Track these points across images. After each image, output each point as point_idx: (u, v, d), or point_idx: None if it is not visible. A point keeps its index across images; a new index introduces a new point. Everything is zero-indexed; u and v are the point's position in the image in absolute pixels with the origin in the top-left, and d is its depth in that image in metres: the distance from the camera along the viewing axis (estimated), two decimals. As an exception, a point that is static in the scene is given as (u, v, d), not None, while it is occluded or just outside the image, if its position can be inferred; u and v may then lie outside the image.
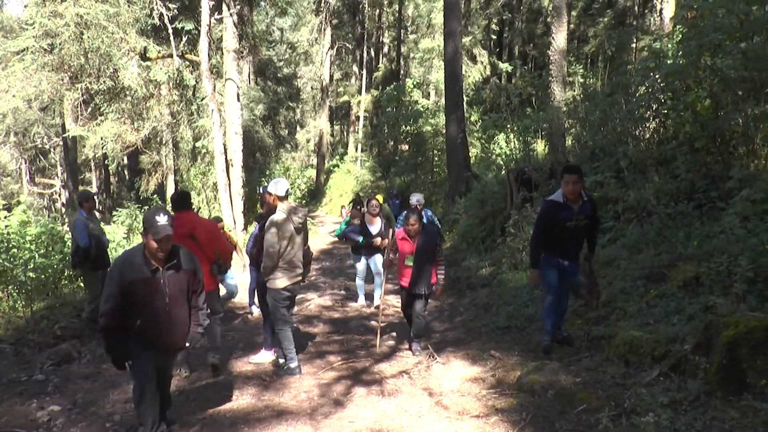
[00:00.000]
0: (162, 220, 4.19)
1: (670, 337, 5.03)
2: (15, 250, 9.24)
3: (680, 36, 9.07)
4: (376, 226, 9.89)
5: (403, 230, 7.21)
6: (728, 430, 3.76)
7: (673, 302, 5.80)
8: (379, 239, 9.75)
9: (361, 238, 9.88)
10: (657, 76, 8.86)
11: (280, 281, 6.36)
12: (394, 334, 8.23)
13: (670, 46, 10.05)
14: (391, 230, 8.68)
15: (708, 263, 5.81)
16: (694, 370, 4.46)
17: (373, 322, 8.94)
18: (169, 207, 7.68)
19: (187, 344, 4.69)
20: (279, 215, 6.30)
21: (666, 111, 8.80)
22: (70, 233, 8.58)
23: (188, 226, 6.45)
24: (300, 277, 6.58)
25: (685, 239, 6.86)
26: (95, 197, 9.14)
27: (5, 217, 9.78)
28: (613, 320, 6.26)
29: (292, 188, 23.59)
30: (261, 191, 8.26)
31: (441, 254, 7.25)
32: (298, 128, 54.40)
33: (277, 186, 6.47)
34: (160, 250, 4.25)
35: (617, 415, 4.34)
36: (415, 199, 9.93)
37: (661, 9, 17.51)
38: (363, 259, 10.16)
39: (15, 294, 8.72)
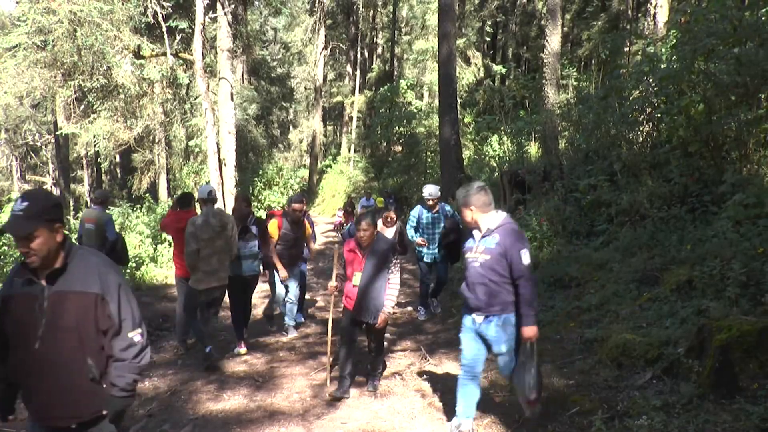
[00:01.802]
0: (16, 205, 2.70)
1: (662, 341, 5.04)
2: (5, 248, 9.20)
3: (674, 40, 9.12)
4: (387, 233, 8.32)
5: (353, 240, 5.84)
6: (720, 433, 3.77)
7: (666, 305, 5.82)
8: None
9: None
10: (651, 80, 8.89)
11: (198, 283, 6.69)
12: (388, 335, 8.22)
13: (663, 50, 10.07)
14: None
15: (701, 267, 5.82)
16: (687, 373, 4.47)
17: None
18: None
19: (104, 411, 2.90)
20: (198, 218, 6.73)
21: (659, 115, 8.83)
22: (89, 227, 8.81)
23: (183, 222, 6.97)
24: (220, 282, 6.82)
25: (678, 243, 6.88)
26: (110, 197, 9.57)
27: (-4, 215, 9.73)
28: (606, 323, 6.27)
29: (284, 188, 23.64)
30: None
31: (395, 270, 5.73)
32: (291, 128, 54.41)
33: (199, 190, 7.13)
34: (21, 250, 2.72)
35: (610, 417, 4.35)
36: (428, 192, 8.68)
37: (654, 13, 17.59)
38: None
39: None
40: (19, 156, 35.19)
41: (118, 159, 31.95)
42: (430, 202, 8.71)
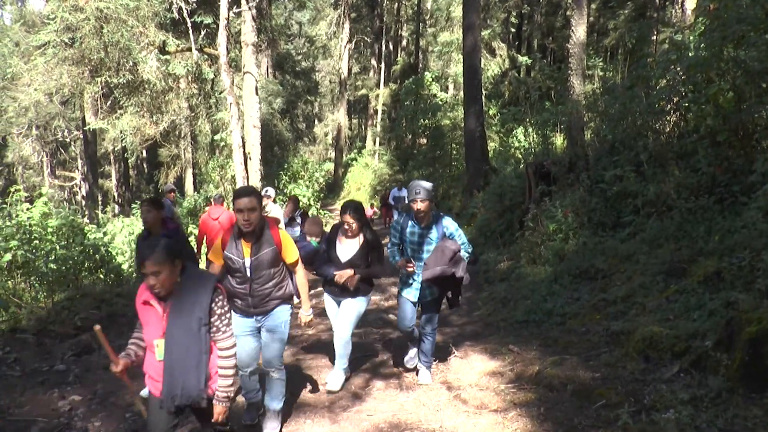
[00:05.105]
0: None
1: (690, 333, 4.97)
2: (37, 242, 9.35)
3: (702, 28, 8.95)
4: (348, 247, 5.79)
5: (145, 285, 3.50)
6: (751, 428, 3.71)
7: (694, 298, 5.73)
8: (346, 273, 5.63)
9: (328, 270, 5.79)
10: (678, 69, 8.75)
11: None
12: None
13: (691, 38, 9.90)
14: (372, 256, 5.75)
15: (729, 258, 5.73)
16: (716, 366, 4.40)
17: (391, 316, 8.92)
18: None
19: None
20: None
21: (687, 104, 8.69)
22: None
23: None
24: None
25: (705, 234, 6.77)
26: (175, 190, 12.07)
27: (27, 209, 9.89)
28: (632, 315, 6.20)
29: (309, 181, 23.73)
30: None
31: (223, 327, 3.56)
32: (316, 122, 54.65)
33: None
34: None
35: (637, 411, 4.31)
36: (413, 191, 5.52)
37: (682, 0, 17.32)
38: (332, 303, 6.03)
39: (37, 285, 8.82)
40: (50, 152, 35.69)
41: (144, 154, 32.37)
42: (418, 206, 5.51)
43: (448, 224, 5.69)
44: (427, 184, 5.59)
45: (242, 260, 4.45)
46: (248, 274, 4.47)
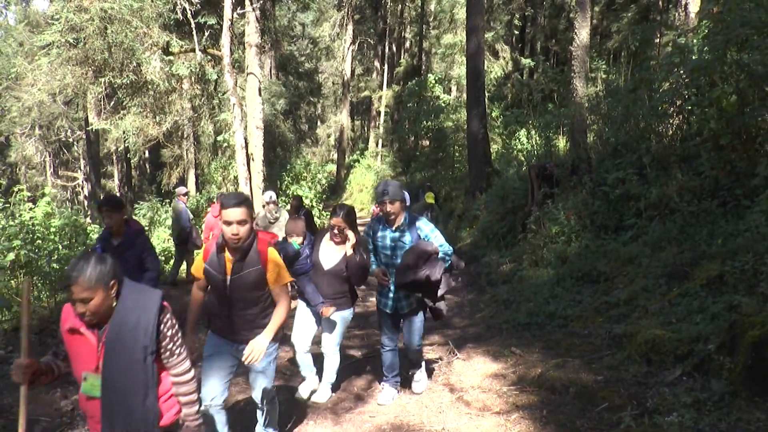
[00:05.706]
0: None
1: (693, 336, 4.97)
2: (39, 242, 9.37)
3: (705, 31, 8.96)
4: (333, 254, 5.52)
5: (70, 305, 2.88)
6: (754, 431, 3.71)
7: (696, 301, 5.73)
8: (331, 309, 5.56)
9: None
10: (681, 72, 8.74)
11: None
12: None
13: (695, 41, 9.90)
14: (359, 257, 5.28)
15: (732, 262, 5.73)
16: (718, 369, 4.40)
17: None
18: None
19: None
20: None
21: (690, 107, 8.68)
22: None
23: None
24: None
25: (708, 237, 6.77)
26: (187, 193, 12.53)
27: (30, 209, 9.91)
28: (634, 318, 6.20)
29: (312, 183, 23.77)
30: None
31: (177, 351, 2.97)
32: (318, 123, 54.66)
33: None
34: None
35: (639, 414, 4.31)
36: (380, 190, 5.13)
37: (685, 3, 17.30)
38: (304, 311, 5.87)
39: (39, 284, 8.83)
40: (52, 152, 35.75)
41: (147, 154, 32.42)
42: (387, 208, 5.06)
43: (422, 226, 5.22)
44: (396, 183, 5.15)
45: (222, 276, 3.92)
46: (227, 293, 3.94)
